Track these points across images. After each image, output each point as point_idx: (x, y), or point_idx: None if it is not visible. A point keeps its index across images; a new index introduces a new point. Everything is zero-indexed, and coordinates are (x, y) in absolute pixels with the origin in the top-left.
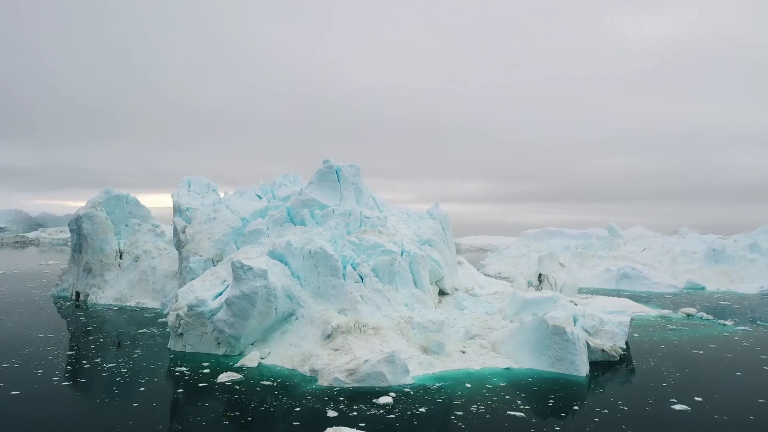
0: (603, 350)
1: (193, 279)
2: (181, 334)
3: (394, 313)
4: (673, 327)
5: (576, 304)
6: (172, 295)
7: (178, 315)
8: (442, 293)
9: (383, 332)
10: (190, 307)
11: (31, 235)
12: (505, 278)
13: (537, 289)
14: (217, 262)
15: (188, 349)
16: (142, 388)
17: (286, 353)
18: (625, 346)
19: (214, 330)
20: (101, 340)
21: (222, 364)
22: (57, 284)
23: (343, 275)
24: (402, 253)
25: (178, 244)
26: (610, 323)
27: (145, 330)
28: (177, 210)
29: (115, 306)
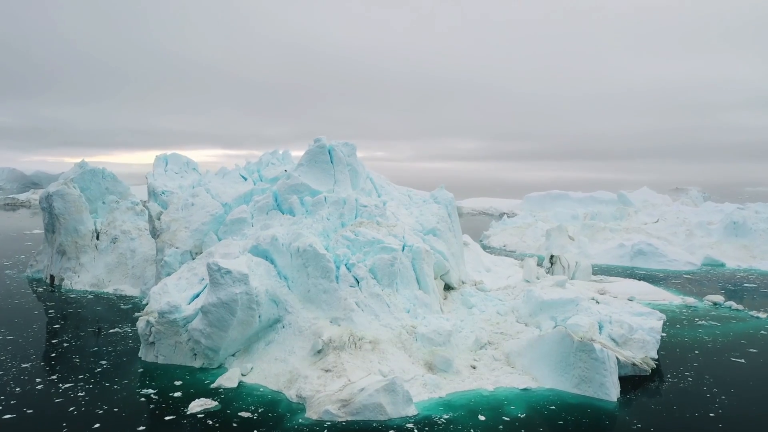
0: (634, 364)
1: (169, 274)
2: (153, 343)
3: (395, 322)
4: (702, 322)
5: (598, 302)
6: (152, 284)
7: (148, 322)
8: (447, 287)
9: (382, 346)
10: (162, 314)
11: (23, 196)
12: (510, 252)
13: (548, 272)
14: (196, 254)
15: (161, 360)
16: (97, 425)
17: (271, 370)
18: (656, 356)
19: (189, 340)
20: (65, 345)
21: (198, 382)
22: (32, 265)
23: (336, 277)
24: (403, 247)
25: (154, 232)
26: (640, 329)
27: (117, 329)
28: (152, 193)
29: (90, 293)
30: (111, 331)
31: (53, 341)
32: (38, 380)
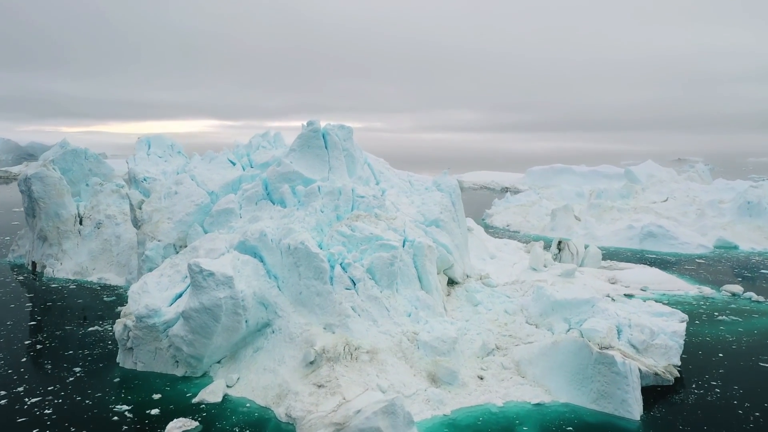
0: (656, 374)
1: (151, 269)
2: (132, 348)
3: (395, 328)
4: (722, 317)
5: (613, 299)
6: (137, 276)
7: (125, 326)
8: (451, 281)
9: (381, 356)
10: (139, 319)
11: (15, 169)
12: (514, 233)
13: (556, 258)
14: (180, 248)
15: (140, 368)
16: None
17: (259, 382)
18: (680, 363)
19: (170, 346)
20: (38, 347)
21: (179, 395)
22: (13, 249)
23: (331, 279)
24: (404, 242)
25: (135, 222)
26: (661, 334)
27: (97, 326)
28: (132, 180)
29: (73, 282)
30: (90, 329)
31: (26, 342)
32: (2, 393)
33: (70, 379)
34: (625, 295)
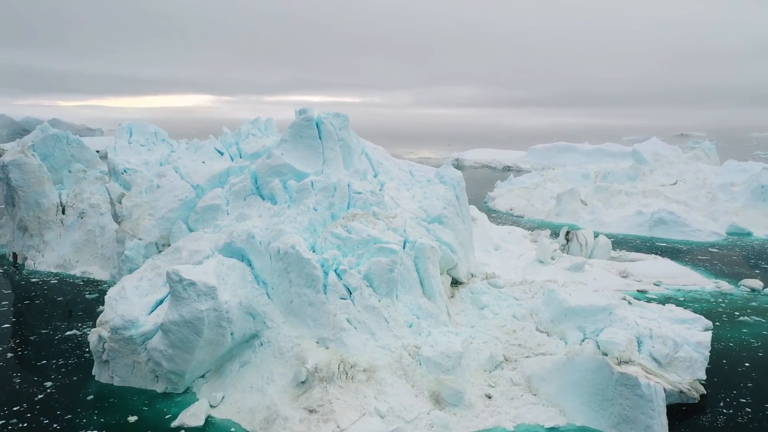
0: (681, 391)
1: (132, 270)
2: (107, 361)
3: (394, 342)
4: (744, 318)
5: (630, 302)
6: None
7: (100, 337)
8: (455, 282)
9: (379, 375)
10: (115, 330)
11: (8, 146)
12: (518, 218)
13: (563, 250)
14: (163, 246)
15: (117, 382)
16: None
17: (246, 402)
18: (705, 377)
19: (149, 360)
20: (8, 355)
21: (157, 416)
22: None
23: (324, 287)
24: (405, 243)
25: (115, 217)
26: (685, 345)
27: (75, 330)
28: (112, 171)
29: (55, 276)
30: (68, 333)
31: None
32: None
33: (40, 396)
34: (638, 291)
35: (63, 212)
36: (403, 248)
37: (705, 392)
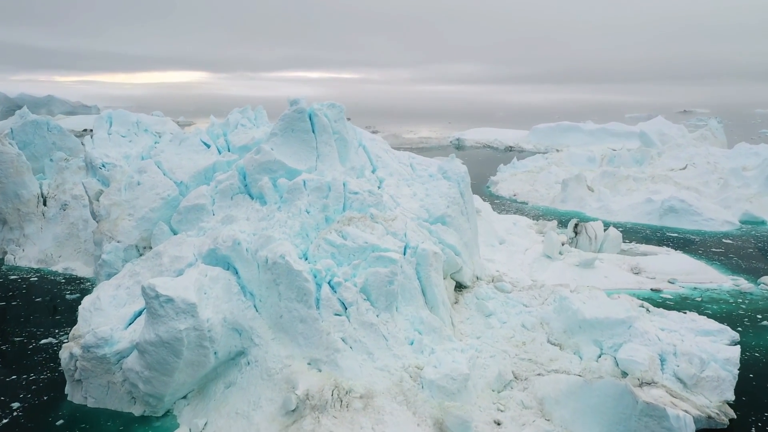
0: (709, 416)
1: (111, 275)
2: (80, 380)
3: (394, 362)
4: (767, 322)
5: (648, 310)
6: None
7: (72, 354)
8: (459, 285)
9: (377, 402)
10: (86, 348)
11: (1, 124)
12: (522, 204)
13: (572, 243)
14: (144, 249)
15: (91, 404)
16: None
17: (230, 430)
18: (734, 398)
19: (125, 381)
20: None
21: None
22: None
23: (317, 301)
24: (405, 249)
25: (93, 216)
26: (712, 363)
27: (52, 338)
28: (89, 166)
29: (36, 272)
30: (43, 341)
31: None
32: None
33: (5, 420)
34: (652, 289)
35: (44, 204)
36: (404, 254)
37: (734, 415)
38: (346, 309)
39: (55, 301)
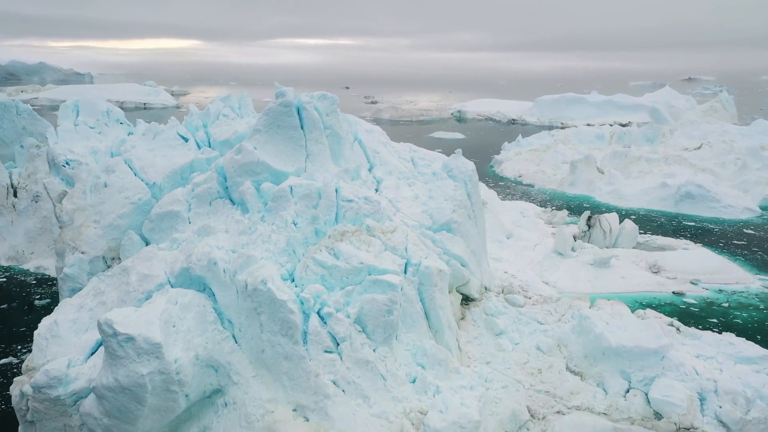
0: None
1: (74, 292)
2: (33, 422)
3: (393, 407)
4: None
5: (678, 330)
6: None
7: (22, 393)
8: (466, 298)
9: None
10: (38, 389)
11: None
12: (528, 187)
13: (584, 239)
14: (112, 260)
15: None
16: None
17: None
18: None
19: (83, 425)
20: None
21: None
22: None
23: (304, 336)
24: (406, 267)
25: (57, 220)
26: (758, 401)
27: (12, 357)
28: (52, 163)
29: (6, 271)
30: (3, 361)
31: None
32: None
33: None
34: (674, 293)
35: (15, 195)
36: (405, 273)
37: None
38: (338, 345)
39: (22, 307)
